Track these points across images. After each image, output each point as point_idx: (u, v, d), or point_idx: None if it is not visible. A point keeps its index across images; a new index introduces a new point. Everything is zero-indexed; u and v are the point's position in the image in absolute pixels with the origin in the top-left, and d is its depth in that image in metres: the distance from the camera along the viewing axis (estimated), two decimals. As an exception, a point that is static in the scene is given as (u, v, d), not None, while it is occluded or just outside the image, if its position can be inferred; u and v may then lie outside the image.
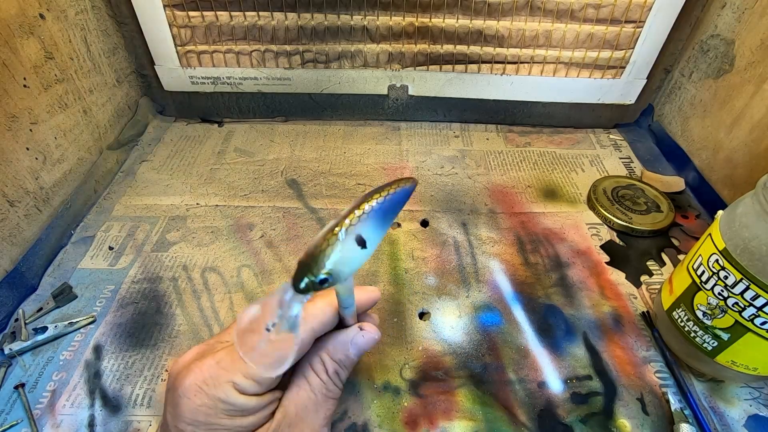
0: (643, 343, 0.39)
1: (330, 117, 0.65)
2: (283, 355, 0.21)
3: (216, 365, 0.23)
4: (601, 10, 0.52)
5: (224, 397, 0.22)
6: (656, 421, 0.34)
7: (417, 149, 0.60)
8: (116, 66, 0.57)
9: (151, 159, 0.57)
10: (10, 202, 0.42)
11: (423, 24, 0.55)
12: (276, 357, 0.21)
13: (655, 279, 0.44)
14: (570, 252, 0.46)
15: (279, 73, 0.59)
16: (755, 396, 0.35)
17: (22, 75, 0.43)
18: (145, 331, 0.39)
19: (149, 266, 0.44)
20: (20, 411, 0.34)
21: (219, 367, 0.23)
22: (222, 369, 0.23)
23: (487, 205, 0.52)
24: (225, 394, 0.23)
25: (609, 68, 0.57)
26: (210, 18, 0.55)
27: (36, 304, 0.41)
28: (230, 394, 0.23)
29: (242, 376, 0.23)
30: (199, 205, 0.51)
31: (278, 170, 0.56)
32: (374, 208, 0.21)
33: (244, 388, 0.23)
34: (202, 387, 0.23)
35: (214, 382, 0.23)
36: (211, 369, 0.23)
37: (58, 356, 0.37)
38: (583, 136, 0.63)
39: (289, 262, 0.45)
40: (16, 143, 0.42)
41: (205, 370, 0.23)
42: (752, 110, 0.46)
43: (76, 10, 0.50)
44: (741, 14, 0.48)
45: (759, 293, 0.29)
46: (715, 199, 0.50)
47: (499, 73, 0.58)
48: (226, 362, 0.23)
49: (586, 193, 0.53)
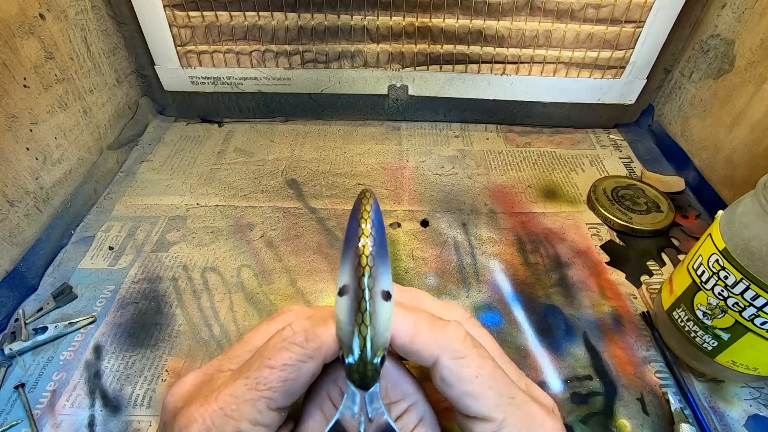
0: (643, 343, 0.39)
1: (330, 117, 0.65)
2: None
3: (220, 412, 0.20)
4: (601, 10, 0.52)
5: None
6: (656, 421, 0.34)
7: (417, 149, 0.60)
8: (116, 66, 0.57)
9: (151, 159, 0.57)
10: (10, 202, 0.42)
11: (423, 24, 0.55)
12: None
13: (655, 279, 0.44)
14: (570, 252, 0.46)
15: (279, 73, 0.59)
16: (755, 396, 0.35)
17: (22, 75, 0.43)
18: (145, 331, 0.39)
19: (149, 266, 0.44)
20: (20, 411, 0.34)
21: (223, 415, 0.20)
22: (227, 417, 0.20)
23: (487, 205, 0.52)
24: None
25: (609, 68, 0.57)
26: (210, 18, 0.55)
27: (36, 304, 0.41)
28: None
29: (249, 423, 0.20)
30: (199, 205, 0.51)
31: (278, 170, 0.56)
32: (374, 254, 0.19)
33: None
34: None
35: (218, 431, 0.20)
36: (214, 417, 0.20)
37: (58, 356, 0.37)
38: (583, 136, 0.63)
39: (289, 262, 0.45)
40: (16, 143, 0.42)
41: (207, 418, 0.20)
42: (752, 110, 0.46)
43: (76, 10, 0.50)
44: (741, 14, 0.48)
45: (759, 293, 0.29)
46: (715, 199, 0.50)
47: (499, 73, 0.58)
48: (231, 408, 0.20)
49: (586, 193, 0.53)
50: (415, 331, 0.21)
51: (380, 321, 0.19)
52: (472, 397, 0.20)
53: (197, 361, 0.37)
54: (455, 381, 0.20)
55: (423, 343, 0.21)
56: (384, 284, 0.20)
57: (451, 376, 0.21)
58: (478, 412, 0.20)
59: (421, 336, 0.21)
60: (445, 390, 0.21)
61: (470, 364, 0.21)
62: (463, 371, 0.21)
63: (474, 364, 0.21)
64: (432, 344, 0.21)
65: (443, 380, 0.21)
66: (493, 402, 0.20)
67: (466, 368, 0.21)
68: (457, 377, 0.20)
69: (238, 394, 0.20)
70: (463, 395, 0.20)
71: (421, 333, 0.21)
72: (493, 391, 0.21)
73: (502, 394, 0.21)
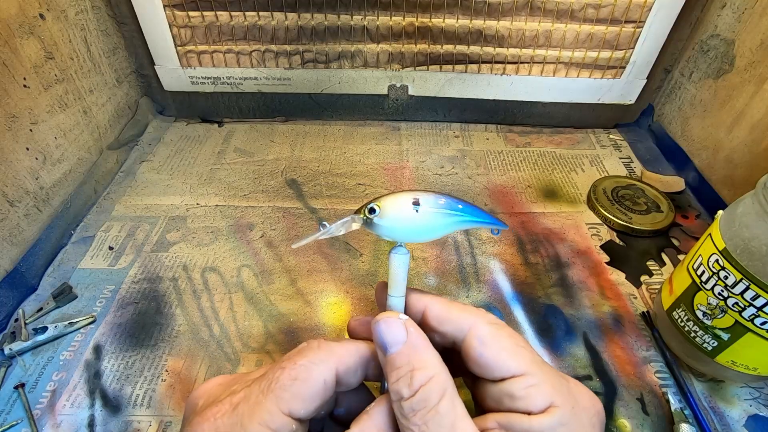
0: (643, 343, 0.39)
1: (330, 117, 0.65)
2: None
3: (232, 412, 0.20)
4: (601, 10, 0.52)
5: None
6: (656, 421, 0.34)
7: (417, 149, 0.60)
8: (116, 66, 0.57)
9: (151, 159, 0.57)
10: (10, 202, 0.42)
11: (423, 24, 0.55)
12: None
13: (655, 279, 0.44)
14: (570, 252, 0.46)
15: (279, 73, 0.59)
16: (755, 396, 0.35)
17: (22, 75, 0.43)
18: (145, 331, 0.39)
19: (149, 266, 0.44)
20: (20, 411, 0.34)
21: (235, 415, 0.20)
22: (237, 416, 0.20)
23: (487, 205, 0.52)
24: None
25: (609, 68, 0.57)
26: (210, 18, 0.55)
27: (36, 304, 0.41)
28: None
29: (258, 425, 0.20)
30: (199, 205, 0.51)
31: (278, 170, 0.56)
32: (444, 196, 0.24)
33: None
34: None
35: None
36: (225, 417, 0.20)
37: (58, 356, 0.37)
38: (583, 136, 0.63)
39: (289, 262, 0.45)
40: (16, 143, 0.42)
41: (219, 417, 0.20)
42: (752, 110, 0.46)
43: (76, 10, 0.50)
44: (741, 14, 0.48)
45: (759, 293, 0.29)
46: (715, 199, 0.50)
47: (499, 73, 0.58)
48: (243, 409, 0.20)
49: (586, 193, 0.53)
50: (450, 305, 0.24)
51: (398, 201, 0.24)
52: (510, 353, 0.21)
53: (197, 361, 0.37)
54: (492, 340, 0.22)
55: (459, 314, 0.23)
56: (422, 200, 0.24)
57: (488, 336, 0.22)
58: (517, 367, 0.21)
59: (457, 307, 0.23)
60: (482, 351, 0.21)
61: (505, 330, 0.23)
62: (499, 332, 0.22)
63: (508, 331, 0.23)
64: (468, 314, 0.23)
65: (481, 340, 0.22)
66: (528, 358, 0.21)
67: (502, 330, 0.22)
68: (494, 337, 0.22)
69: (251, 395, 0.21)
70: (501, 351, 0.21)
71: (456, 306, 0.24)
72: (527, 350, 0.22)
73: (535, 357, 0.22)
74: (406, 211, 0.24)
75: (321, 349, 0.22)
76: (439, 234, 0.24)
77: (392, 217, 0.24)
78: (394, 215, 0.24)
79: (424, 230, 0.24)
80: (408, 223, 0.24)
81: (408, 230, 0.24)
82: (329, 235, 0.24)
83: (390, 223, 0.24)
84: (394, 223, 0.24)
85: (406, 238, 0.24)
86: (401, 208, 0.24)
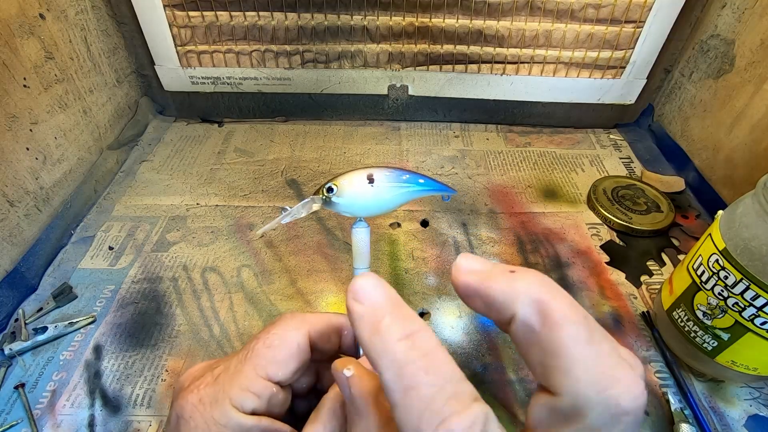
0: (643, 343, 0.39)
1: (330, 117, 0.65)
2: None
3: (214, 382, 0.22)
4: (601, 10, 0.52)
5: (218, 416, 0.21)
6: (656, 421, 0.34)
7: (417, 149, 0.60)
8: (116, 66, 0.57)
9: (151, 159, 0.57)
10: (10, 202, 0.42)
11: (423, 24, 0.55)
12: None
13: (655, 279, 0.44)
14: (570, 252, 0.46)
15: (279, 73, 0.59)
16: (755, 396, 0.35)
17: (22, 75, 0.43)
18: (145, 331, 0.39)
19: (149, 266, 0.44)
20: (20, 411, 0.34)
21: (216, 383, 0.21)
22: (219, 384, 0.21)
23: (487, 205, 0.52)
24: (220, 412, 0.21)
25: (609, 68, 0.57)
26: (210, 18, 0.55)
27: (36, 304, 0.41)
28: (226, 412, 0.21)
29: (239, 389, 0.21)
30: (199, 205, 0.51)
31: (278, 170, 0.56)
32: (396, 170, 0.26)
33: (242, 403, 0.21)
34: (197, 407, 0.21)
35: (210, 400, 0.21)
36: (209, 387, 0.22)
37: (58, 356, 0.37)
38: (583, 136, 0.63)
39: (289, 262, 0.45)
40: (16, 143, 0.42)
41: (202, 388, 0.22)
42: (752, 110, 0.46)
43: (76, 10, 0.50)
44: (741, 14, 0.48)
45: (759, 293, 0.29)
46: (715, 199, 0.50)
47: (499, 73, 0.58)
48: (224, 378, 0.21)
49: (586, 193, 0.53)
50: (492, 267, 0.17)
51: (354, 177, 0.25)
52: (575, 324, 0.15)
53: (197, 361, 0.37)
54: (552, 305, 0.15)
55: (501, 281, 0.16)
56: (376, 175, 0.25)
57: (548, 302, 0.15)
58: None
59: (495, 273, 0.17)
60: (541, 320, 0.15)
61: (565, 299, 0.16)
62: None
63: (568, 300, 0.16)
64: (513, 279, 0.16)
65: (541, 302, 0.15)
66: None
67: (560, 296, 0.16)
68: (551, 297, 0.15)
69: (230, 366, 0.22)
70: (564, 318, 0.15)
71: (496, 271, 0.17)
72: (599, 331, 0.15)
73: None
74: (362, 187, 0.25)
75: (294, 317, 0.23)
76: (394, 205, 0.26)
77: (349, 194, 0.25)
78: (351, 192, 0.25)
79: (380, 203, 0.26)
80: (365, 199, 0.25)
81: (365, 205, 0.25)
82: (292, 217, 0.26)
83: (348, 200, 0.25)
84: (351, 200, 0.25)
85: (365, 212, 0.26)
86: (357, 184, 0.25)
